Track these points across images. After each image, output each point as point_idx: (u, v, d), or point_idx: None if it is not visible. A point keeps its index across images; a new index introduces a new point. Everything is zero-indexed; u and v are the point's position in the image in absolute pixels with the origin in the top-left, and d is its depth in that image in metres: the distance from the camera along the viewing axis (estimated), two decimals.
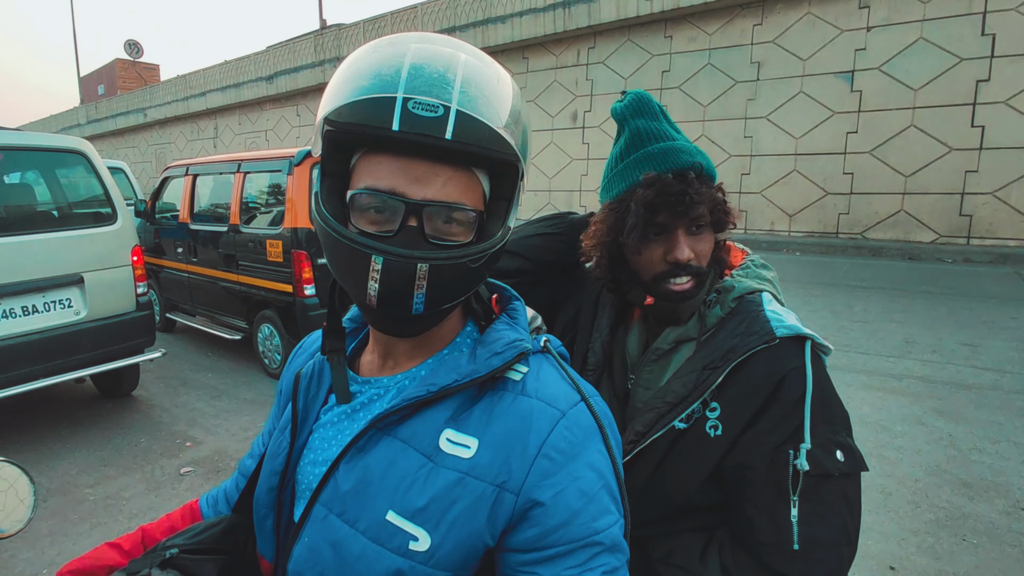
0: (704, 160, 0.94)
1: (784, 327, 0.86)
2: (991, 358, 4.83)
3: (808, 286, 7.67)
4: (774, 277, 1.01)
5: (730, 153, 12.10)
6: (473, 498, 0.61)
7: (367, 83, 0.58)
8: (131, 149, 29.28)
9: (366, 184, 0.61)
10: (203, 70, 24.22)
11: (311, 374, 0.78)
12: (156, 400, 4.70)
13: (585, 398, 0.67)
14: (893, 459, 3.32)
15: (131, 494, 3.29)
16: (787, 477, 0.80)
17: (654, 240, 0.93)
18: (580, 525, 0.60)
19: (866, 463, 0.85)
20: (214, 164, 5.67)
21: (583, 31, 13.75)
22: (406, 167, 0.60)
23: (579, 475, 0.61)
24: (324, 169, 0.63)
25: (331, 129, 0.60)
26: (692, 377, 0.88)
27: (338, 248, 0.61)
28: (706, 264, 0.94)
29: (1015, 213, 9.47)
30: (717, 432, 0.85)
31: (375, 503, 0.63)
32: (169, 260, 6.15)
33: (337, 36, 18.93)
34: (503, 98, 0.63)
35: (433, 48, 0.62)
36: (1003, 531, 2.67)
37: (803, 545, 0.78)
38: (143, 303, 4.29)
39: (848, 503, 0.81)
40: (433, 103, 0.57)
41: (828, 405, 0.84)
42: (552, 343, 0.74)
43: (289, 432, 0.75)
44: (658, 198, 0.89)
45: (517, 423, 0.63)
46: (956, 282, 7.71)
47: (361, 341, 0.83)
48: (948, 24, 9.74)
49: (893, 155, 10.38)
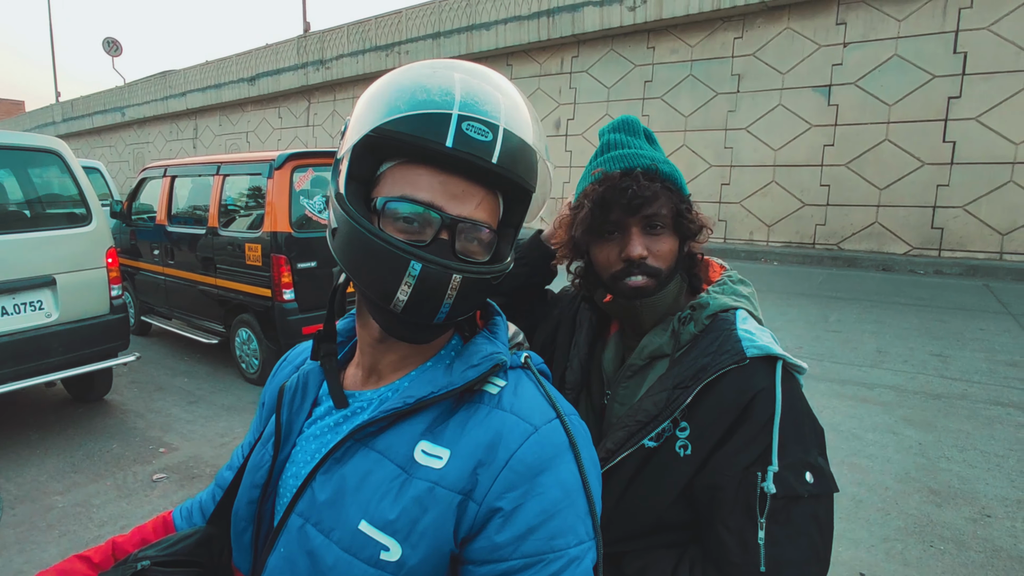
0: (664, 165, 0.95)
1: (755, 347, 0.86)
2: (960, 368, 4.95)
3: (785, 296, 7.79)
4: (751, 293, 1.01)
5: (710, 163, 12.26)
6: (442, 507, 0.61)
7: (423, 97, 0.62)
8: (108, 148, 28.78)
9: (403, 193, 0.63)
10: (183, 70, 23.93)
11: (296, 387, 0.78)
12: (130, 405, 4.61)
13: (561, 416, 0.67)
14: (864, 467, 3.38)
15: (101, 501, 3.23)
16: (755, 499, 0.80)
17: (610, 239, 0.95)
18: (536, 541, 0.59)
19: (836, 484, 0.84)
20: (193, 166, 5.61)
21: (567, 40, 13.86)
22: (446, 183, 0.63)
23: (543, 491, 0.61)
24: (352, 173, 0.65)
25: (373, 136, 0.62)
26: (663, 396, 0.87)
27: (371, 250, 0.62)
28: (666, 266, 0.94)
29: (984, 227, 9.73)
30: (687, 452, 0.85)
31: (349, 513, 0.64)
32: (145, 262, 6.06)
33: (320, 39, 18.84)
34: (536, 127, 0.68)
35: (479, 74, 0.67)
36: (969, 538, 2.74)
37: (769, 566, 0.78)
38: (117, 306, 4.22)
39: (818, 524, 0.81)
40: (483, 127, 0.61)
41: (799, 425, 0.84)
42: (533, 360, 0.75)
43: (272, 445, 0.75)
44: (607, 193, 0.92)
45: (489, 435, 0.64)
46: (927, 293, 7.89)
47: (345, 356, 0.83)
48: (921, 42, 10.00)
49: (868, 168, 10.61)
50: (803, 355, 5.28)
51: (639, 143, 0.98)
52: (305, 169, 4.76)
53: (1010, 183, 9.47)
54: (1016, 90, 9.32)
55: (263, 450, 0.76)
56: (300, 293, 4.62)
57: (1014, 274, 8.91)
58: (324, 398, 0.77)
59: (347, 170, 0.65)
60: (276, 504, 0.74)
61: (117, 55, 30.50)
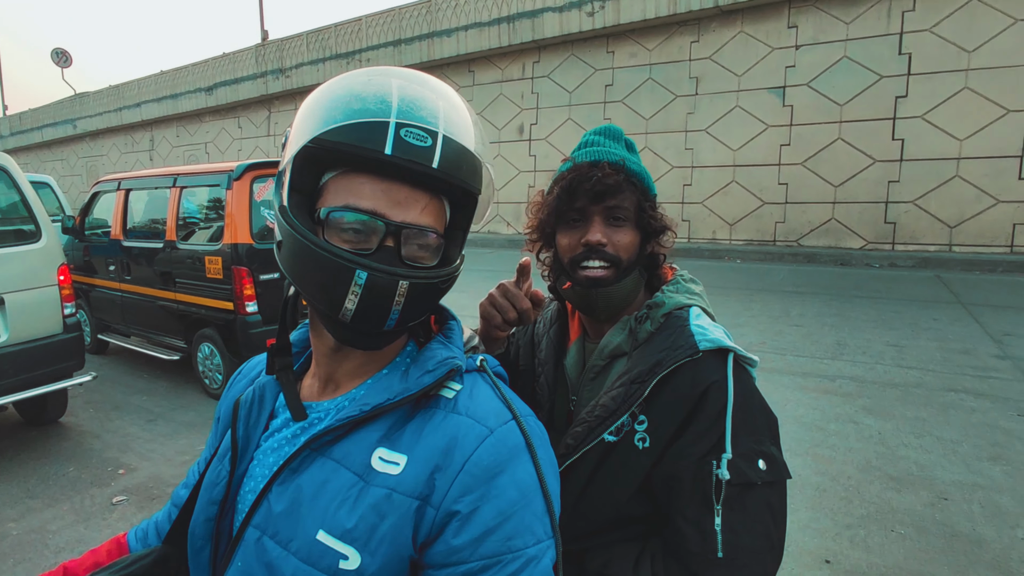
0: (633, 164, 0.99)
1: (707, 340, 0.88)
2: (915, 358, 5.12)
3: (748, 292, 7.96)
4: (702, 291, 1.04)
5: (672, 165, 12.47)
6: (400, 513, 0.61)
7: (359, 106, 0.62)
8: (60, 162, 27.82)
9: (346, 203, 0.63)
10: (137, 80, 23.30)
11: (252, 400, 0.77)
12: (86, 426, 4.45)
13: (517, 417, 0.67)
14: (827, 457, 3.47)
15: (59, 526, 3.11)
16: (711, 487, 0.82)
17: (574, 226, 0.99)
18: (494, 542, 0.60)
19: (788, 471, 0.87)
20: (148, 178, 5.46)
21: (528, 45, 13.95)
22: (389, 190, 0.63)
23: (499, 493, 0.61)
24: (294, 185, 0.65)
25: (312, 147, 0.62)
26: (621, 391, 0.90)
27: (316, 261, 0.62)
28: (626, 257, 0.97)
29: (934, 220, 10.11)
30: (645, 444, 0.87)
31: (306, 523, 0.63)
32: (101, 279, 5.87)
33: (279, 48, 18.57)
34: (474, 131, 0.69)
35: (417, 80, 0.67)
36: (928, 522, 2.83)
37: (727, 553, 0.80)
38: (71, 324, 4.07)
39: (772, 511, 0.83)
40: (422, 133, 0.62)
41: (751, 415, 0.86)
42: (488, 363, 0.75)
43: (228, 460, 0.74)
44: (574, 180, 0.96)
45: (445, 439, 0.64)
46: (883, 286, 8.16)
47: (301, 367, 0.83)
48: (869, 44, 10.36)
49: (823, 166, 10.93)
50: (767, 349, 5.41)
51: (616, 146, 1.02)
52: (265, 179, 4.68)
53: (956, 178, 9.87)
54: (958, 89, 9.73)
55: (219, 466, 0.75)
56: (263, 305, 4.53)
57: (963, 265, 9.28)
58: (281, 410, 0.76)
59: (289, 182, 0.65)
60: (234, 520, 0.72)
61: (67, 66, 29.54)
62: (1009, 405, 4.09)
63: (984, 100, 9.57)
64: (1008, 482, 3.14)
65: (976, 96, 9.62)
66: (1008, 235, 9.62)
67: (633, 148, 1.05)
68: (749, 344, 5.58)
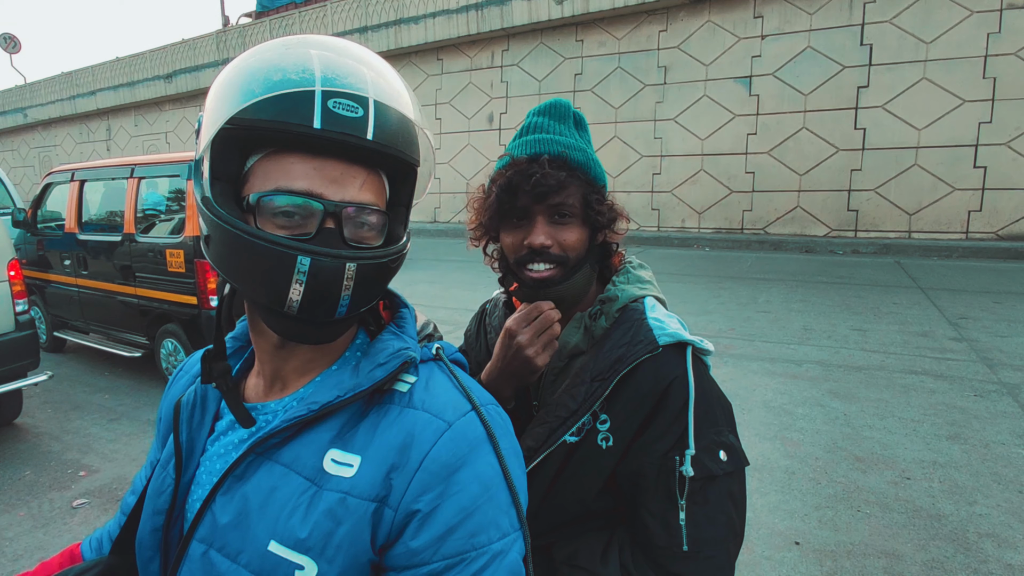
0: (577, 153, 0.93)
1: (666, 335, 0.87)
2: (878, 341, 5.27)
3: (717, 280, 8.08)
4: (652, 277, 1.02)
5: (642, 154, 12.55)
6: (356, 518, 0.58)
7: (278, 78, 0.56)
8: (10, 152, 26.68)
9: (277, 185, 0.58)
10: (92, 67, 22.43)
11: (193, 402, 0.72)
12: (43, 427, 4.29)
13: (476, 407, 0.64)
14: (795, 440, 3.55)
15: (15, 533, 2.99)
16: (675, 482, 0.82)
17: (517, 225, 0.94)
18: (456, 540, 0.57)
19: (747, 458, 0.88)
20: (104, 169, 5.26)
21: (496, 33, 13.84)
22: (322, 167, 0.58)
23: (460, 489, 0.59)
24: (216, 172, 0.59)
25: (231, 128, 0.57)
26: (581, 390, 0.88)
27: (251, 252, 0.56)
28: (573, 255, 0.92)
29: (894, 208, 10.39)
30: (608, 444, 0.86)
31: (256, 534, 0.60)
32: (56, 274, 5.65)
33: (242, 34, 18.07)
34: (408, 96, 0.64)
35: (338, 48, 0.62)
36: (891, 500, 2.91)
37: (691, 546, 0.81)
38: (24, 322, 3.91)
39: (733, 499, 0.84)
40: (351, 103, 0.57)
41: (710, 407, 0.86)
42: (445, 350, 0.72)
43: (173, 467, 0.69)
44: (513, 179, 0.91)
45: (401, 436, 0.61)
46: (846, 272, 8.36)
47: (245, 363, 0.77)
48: (831, 34, 10.55)
49: (788, 155, 11.13)
50: (735, 336, 5.49)
51: (561, 128, 0.95)
52: None
53: (915, 167, 10.15)
54: (916, 79, 9.99)
55: (163, 473, 0.70)
56: None
57: (921, 251, 9.57)
58: (226, 411, 0.71)
59: (209, 170, 0.59)
60: (184, 529, 0.68)
61: (15, 52, 28.27)
62: (966, 386, 4.23)
63: (941, 91, 9.84)
64: (965, 459, 3.25)
65: (933, 87, 9.89)
66: (963, 222, 9.94)
67: (582, 125, 1.00)
68: (718, 330, 5.67)
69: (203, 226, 0.62)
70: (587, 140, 0.99)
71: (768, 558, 2.53)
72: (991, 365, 4.59)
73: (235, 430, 0.69)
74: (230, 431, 0.69)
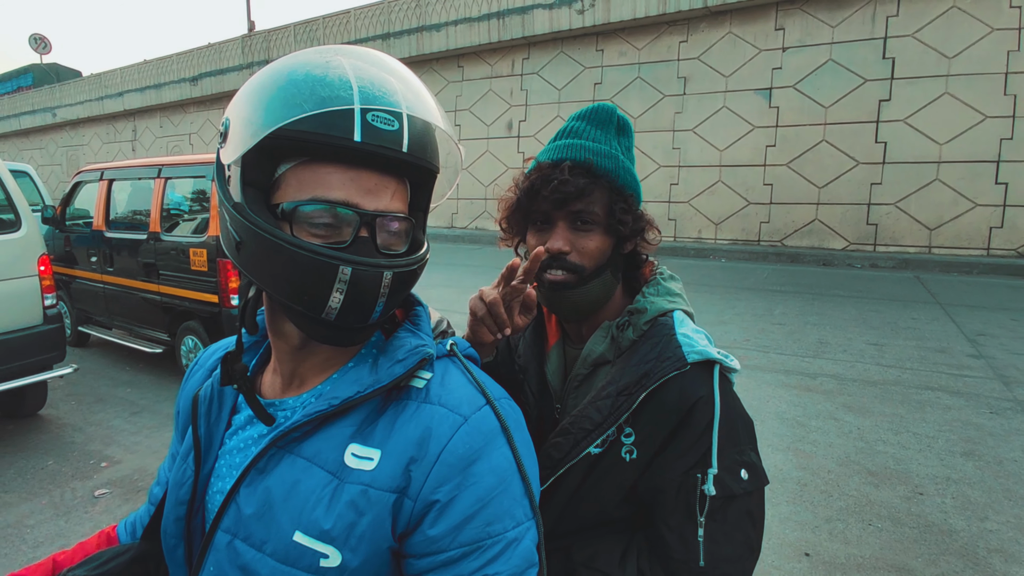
0: (605, 160, 0.92)
1: (695, 352, 0.86)
2: (894, 356, 5.22)
3: (733, 291, 8.05)
4: (681, 289, 1.01)
5: (660, 164, 12.55)
6: (378, 509, 0.61)
7: (326, 94, 0.58)
8: (39, 151, 27.30)
9: (314, 195, 0.59)
10: (120, 69, 22.93)
11: (210, 396, 0.74)
12: (67, 419, 4.40)
13: (490, 400, 0.66)
14: (808, 452, 3.53)
15: (36, 521, 3.07)
16: (695, 500, 0.82)
17: (540, 228, 0.95)
18: (472, 529, 0.60)
19: (766, 477, 0.88)
20: (132, 168, 5.39)
21: (517, 42, 13.94)
22: (358, 178, 0.60)
23: (476, 480, 0.61)
24: (247, 178, 0.61)
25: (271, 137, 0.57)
26: (607, 403, 0.87)
27: (291, 260, 0.58)
28: (591, 264, 0.92)
29: (914, 222, 10.28)
30: (632, 456, 0.86)
31: (281, 525, 0.62)
32: (82, 270, 5.78)
33: (266, 39, 18.38)
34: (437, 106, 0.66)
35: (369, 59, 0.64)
36: (903, 515, 2.89)
37: (708, 562, 0.81)
38: (51, 315, 4.01)
39: (751, 518, 0.85)
40: (388, 116, 0.59)
41: (734, 426, 0.86)
42: (459, 346, 0.74)
43: (192, 460, 0.72)
44: (535, 183, 0.92)
45: (419, 431, 0.63)
46: (864, 286, 8.29)
47: (261, 358, 0.79)
48: (853, 47, 10.50)
49: (807, 168, 11.07)
50: (750, 347, 5.48)
51: (596, 133, 0.95)
52: None
53: (936, 181, 10.05)
54: (939, 94, 9.90)
55: (184, 465, 0.73)
56: None
57: (941, 266, 9.46)
58: (243, 405, 0.74)
59: (241, 176, 0.61)
60: (206, 518, 0.71)
61: (46, 53, 29.02)
62: (982, 402, 4.19)
63: (963, 106, 9.75)
64: (978, 475, 3.22)
65: (956, 101, 9.80)
66: (984, 238, 9.81)
67: (625, 131, 0.98)
68: (732, 341, 5.66)
69: (231, 230, 0.62)
70: (626, 147, 0.98)
71: (777, 568, 2.53)
72: (1007, 382, 4.54)
73: (254, 425, 0.71)
74: (248, 426, 0.72)
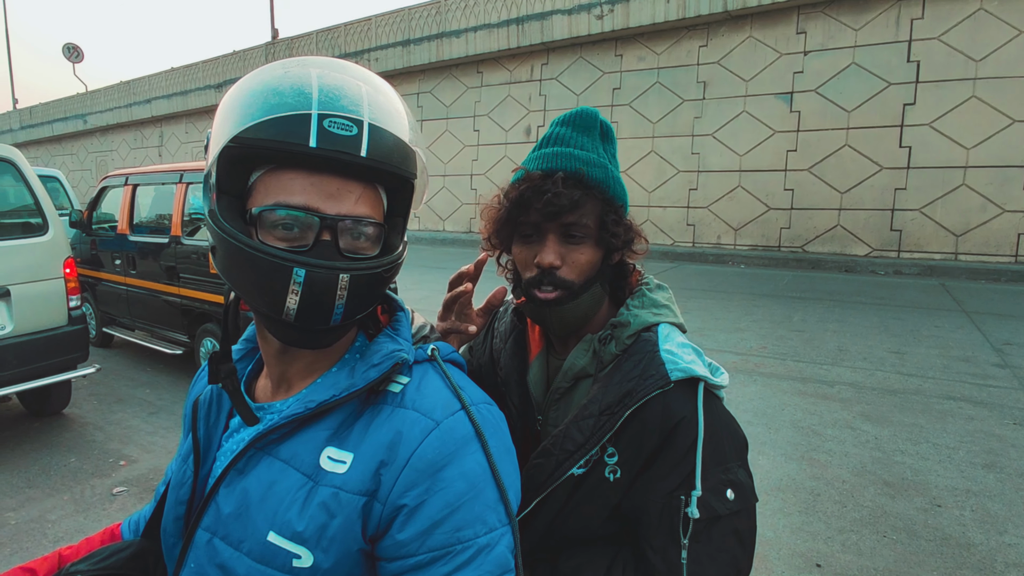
0: (595, 170, 0.90)
1: (679, 370, 0.83)
2: (915, 365, 5.11)
3: (752, 297, 7.96)
4: (670, 299, 0.98)
5: (679, 169, 12.47)
6: (348, 512, 0.62)
7: (275, 100, 0.60)
8: (70, 156, 28.06)
9: (277, 200, 0.61)
10: (148, 76, 23.49)
11: (209, 401, 0.77)
12: (89, 418, 4.50)
13: (465, 405, 0.67)
14: (823, 462, 3.48)
15: (57, 516, 3.15)
16: (679, 522, 0.80)
17: (528, 240, 0.92)
18: (441, 534, 0.60)
19: (756, 495, 0.86)
20: (155, 174, 5.52)
21: (536, 47, 13.99)
22: (319, 183, 0.62)
23: (446, 485, 0.62)
24: (221, 187, 0.64)
25: (234, 146, 0.60)
26: (589, 423, 0.86)
27: (251, 263, 0.61)
28: (581, 279, 0.90)
29: (940, 228, 10.07)
30: (616, 476, 0.85)
31: (256, 525, 0.64)
32: (106, 272, 5.93)
33: (289, 46, 18.68)
34: (404, 116, 0.68)
35: (338, 67, 0.65)
36: (920, 527, 2.83)
37: None
38: (76, 317, 4.12)
39: (738, 537, 0.83)
40: (347, 122, 0.60)
41: (720, 444, 0.83)
42: (441, 351, 0.74)
43: (192, 461, 0.74)
44: (525, 194, 0.88)
45: (390, 435, 0.64)
46: (887, 293, 8.13)
47: (256, 364, 0.82)
48: (877, 51, 10.34)
49: (829, 173, 10.91)
50: (767, 354, 5.41)
51: (583, 140, 0.92)
52: None
53: (962, 187, 9.83)
54: (965, 97, 9.70)
55: (184, 466, 0.75)
56: None
57: (968, 273, 9.24)
58: None
59: (215, 184, 0.64)
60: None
61: (78, 61, 29.83)
62: (1005, 413, 4.08)
63: (991, 109, 9.54)
64: (1000, 488, 3.14)
65: (983, 105, 9.59)
66: (1013, 244, 9.57)
67: (609, 137, 0.95)
68: (749, 348, 5.59)
69: (210, 237, 0.66)
70: (611, 154, 0.95)
71: None
72: None
73: (246, 427, 0.73)
74: (242, 428, 0.74)
